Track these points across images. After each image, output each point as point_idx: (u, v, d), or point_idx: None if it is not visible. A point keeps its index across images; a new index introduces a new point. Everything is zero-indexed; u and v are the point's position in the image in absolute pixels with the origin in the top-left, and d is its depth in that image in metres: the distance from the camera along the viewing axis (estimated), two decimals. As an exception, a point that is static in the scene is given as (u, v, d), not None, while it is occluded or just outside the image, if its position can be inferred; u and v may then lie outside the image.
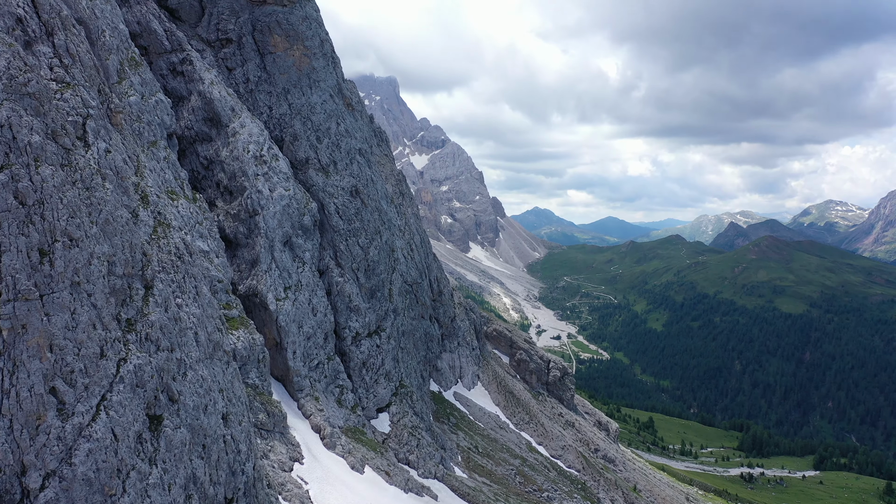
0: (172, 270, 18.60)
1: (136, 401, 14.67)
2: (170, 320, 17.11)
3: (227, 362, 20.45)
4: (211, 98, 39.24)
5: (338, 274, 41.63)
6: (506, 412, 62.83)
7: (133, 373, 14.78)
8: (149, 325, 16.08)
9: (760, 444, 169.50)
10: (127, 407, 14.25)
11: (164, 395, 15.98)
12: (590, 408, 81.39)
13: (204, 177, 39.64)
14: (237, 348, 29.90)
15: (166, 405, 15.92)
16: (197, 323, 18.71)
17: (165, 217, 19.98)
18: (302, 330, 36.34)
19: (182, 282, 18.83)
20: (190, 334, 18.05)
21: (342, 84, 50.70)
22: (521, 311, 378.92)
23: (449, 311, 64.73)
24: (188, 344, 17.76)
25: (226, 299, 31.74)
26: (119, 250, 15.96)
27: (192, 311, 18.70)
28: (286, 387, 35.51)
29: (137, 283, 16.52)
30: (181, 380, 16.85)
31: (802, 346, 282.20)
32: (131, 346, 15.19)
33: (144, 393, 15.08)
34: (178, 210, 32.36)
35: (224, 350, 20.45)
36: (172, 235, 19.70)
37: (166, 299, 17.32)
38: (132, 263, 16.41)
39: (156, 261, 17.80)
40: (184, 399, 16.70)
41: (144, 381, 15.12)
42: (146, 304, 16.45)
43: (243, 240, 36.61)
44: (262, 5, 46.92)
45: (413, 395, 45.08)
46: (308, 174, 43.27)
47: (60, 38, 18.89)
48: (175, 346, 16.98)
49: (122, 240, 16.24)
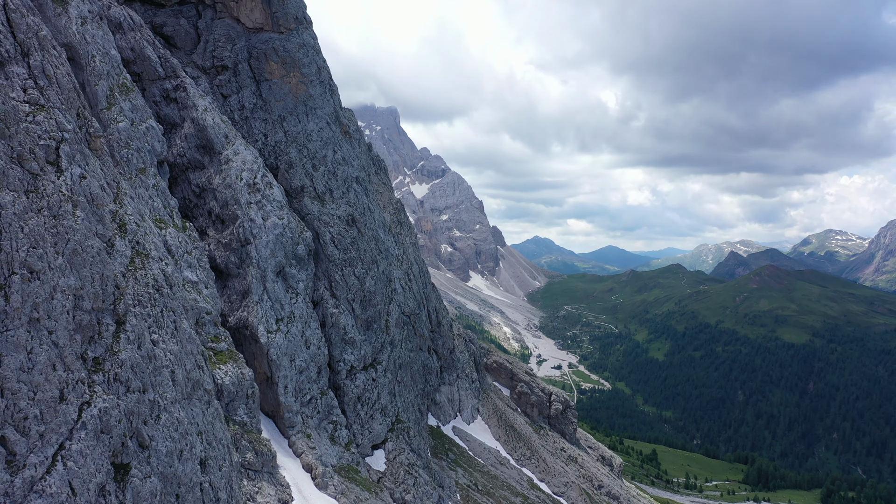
0: (149, 304, 17.43)
1: (99, 449, 13.38)
2: (143, 358, 15.88)
3: (207, 402, 19.13)
4: (204, 125, 38.44)
5: (332, 305, 40.38)
6: (506, 447, 60.96)
7: (97, 417, 13.50)
8: (118, 363, 14.85)
9: (766, 477, 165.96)
10: (88, 456, 12.95)
11: (134, 441, 14.67)
12: (592, 442, 79.30)
13: (196, 205, 38.64)
14: (224, 383, 28.54)
15: (135, 452, 14.60)
16: (174, 360, 17.46)
17: (144, 247, 18.86)
18: (294, 363, 34.97)
19: (159, 316, 17.64)
20: (166, 373, 16.80)
21: (339, 111, 50.04)
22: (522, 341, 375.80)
23: (448, 343, 63.26)
24: (163, 384, 16.50)
25: (214, 332, 30.47)
26: (88, 283, 14.82)
27: (170, 348, 17.47)
28: (277, 423, 34.01)
29: (108, 318, 15.34)
30: (153, 423, 15.54)
31: (806, 376, 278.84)
32: (97, 388, 13.94)
33: (110, 439, 13.79)
34: (167, 239, 31.28)
35: (205, 389, 19.16)
36: (151, 266, 18.56)
37: (140, 335, 16.11)
38: (103, 297, 15.25)
39: (130, 294, 16.63)
40: (156, 444, 15.38)
41: (111, 426, 13.84)
42: (117, 340, 15.25)
43: (234, 270, 35.45)
44: (258, 32, 46.47)
45: (410, 431, 43.45)
46: (303, 202, 42.29)
47: (37, 58, 17.99)
48: (148, 386, 15.72)
49: (93, 271, 15.10)
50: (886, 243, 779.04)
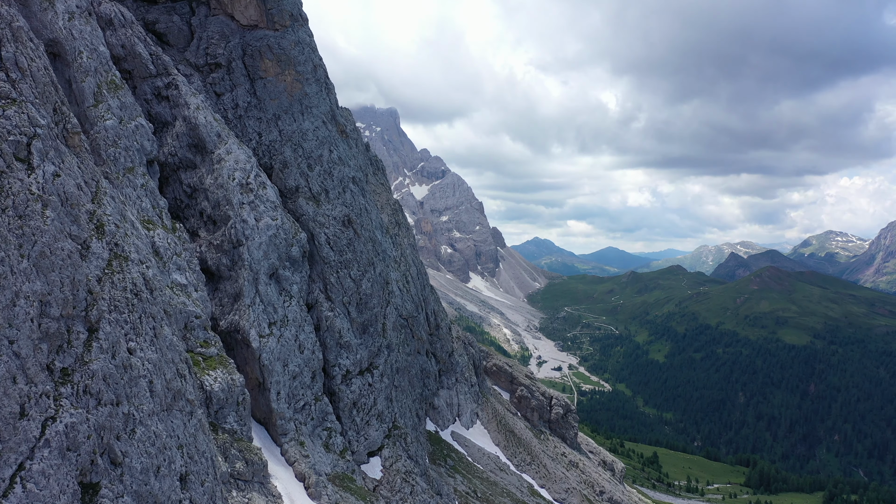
0: (126, 310, 16.42)
1: (65, 468, 12.38)
2: (117, 368, 14.88)
3: (189, 413, 18.13)
4: (196, 123, 37.47)
5: (327, 308, 39.38)
6: (506, 452, 59.89)
7: (63, 434, 12.50)
8: (89, 374, 13.84)
9: (768, 479, 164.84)
10: (52, 476, 11.95)
11: (105, 458, 13.67)
12: (594, 446, 78.19)
13: (187, 205, 37.67)
14: (213, 390, 27.55)
15: (106, 470, 13.59)
16: (153, 370, 16.46)
17: (123, 249, 17.86)
18: (287, 369, 33.96)
19: (137, 323, 16.63)
20: (143, 383, 15.80)
21: (336, 110, 49.06)
22: (522, 342, 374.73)
23: (447, 346, 62.23)
24: (139, 395, 15.49)
25: (204, 336, 29.49)
26: (57, 288, 13.82)
27: (148, 357, 16.46)
28: (269, 430, 32.99)
29: (79, 325, 14.34)
30: (128, 438, 14.54)
31: (807, 377, 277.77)
32: (64, 402, 12.94)
33: (77, 457, 12.78)
34: (155, 240, 30.32)
35: (187, 399, 18.16)
36: (130, 270, 17.57)
37: (114, 344, 15.11)
38: (73, 303, 14.25)
39: (106, 299, 15.64)
40: (129, 461, 14.37)
41: (78, 442, 12.84)
42: (88, 350, 14.24)
43: (226, 272, 34.46)
44: (253, 29, 45.51)
45: (407, 437, 42.42)
46: (298, 203, 41.31)
47: (9, 50, 17.00)
48: (122, 398, 14.71)
49: (62, 276, 14.11)
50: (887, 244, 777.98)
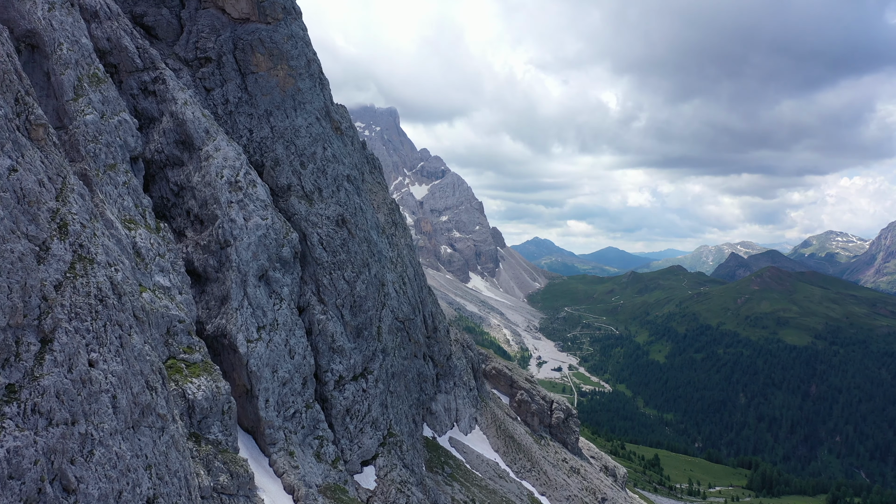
0: (89, 317, 14.99)
1: (5, 499, 10.96)
2: (74, 383, 13.44)
3: (160, 429, 16.70)
4: (183, 119, 36.07)
5: (320, 311, 37.94)
6: (506, 459, 58.43)
7: (4, 460, 11.08)
8: (39, 391, 12.42)
9: (770, 482, 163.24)
10: (-13, 510, 10.54)
11: (56, 486, 12.24)
12: (595, 451, 76.72)
13: (174, 204, 36.25)
14: (196, 399, 26.14)
15: (56, 498, 12.16)
16: (117, 383, 15.02)
17: (89, 250, 16.42)
18: (277, 375, 32.53)
19: (101, 331, 15.20)
20: (105, 399, 14.36)
21: (330, 107, 47.64)
22: (522, 342, 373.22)
23: (444, 349, 60.77)
24: (100, 412, 14.05)
25: (187, 342, 28.06)
26: (4, 294, 12.40)
27: (112, 369, 15.03)
28: (257, 440, 31.57)
29: (30, 335, 12.92)
30: (84, 461, 13.11)
31: (808, 378, 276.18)
32: (7, 423, 11.51)
33: (21, 486, 11.35)
34: (137, 241, 28.92)
35: (157, 413, 16.72)
36: (96, 273, 16.13)
37: (72, 356, 13.67)
38: (24, 311, 12.83)
39: (66, 306, 14.21)
40: (86, 487, 12.94)
41: (22, 469, 11.40)
42: (40, 363, 12.82)
43: (213, 274, 33.04)
44: (244, 23, 44.11)
45: (403, 445, 40.98)
46: (290, 202, 39.90)
47: (-38, 34, 15.64)
48: (79, 416, 13.28)
49: (11, 280, 12.68)
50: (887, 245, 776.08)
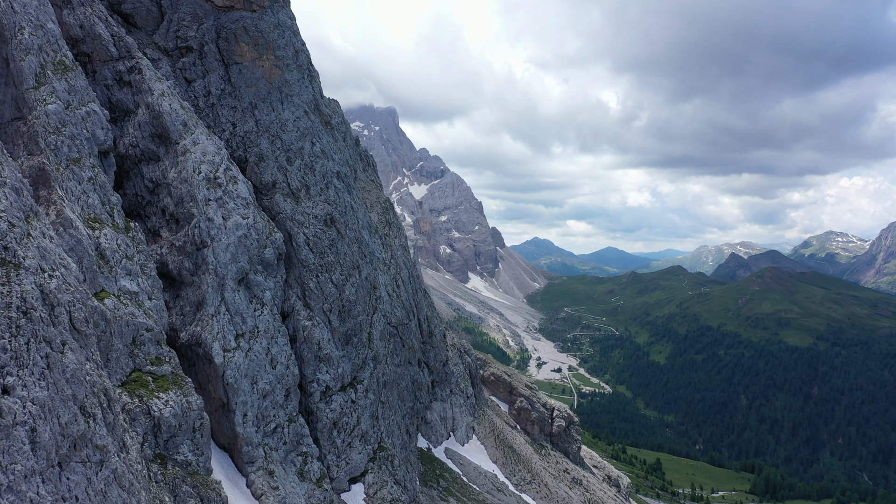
0: (8, 334, 12.55)
1: None
2: (-26, 418, 11.01)
3: (98, 463, 14.21)
4: (160, 111, 33.60)
5: (305, 317, 35.49)
6: (504, 470, 55.97)
7: None
8: (-81, 432, 9.97)
9: (774, 486, 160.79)
10: None
11: (-62, 551, 9.80)
12: (598, 460, 74.24)
13: (149, 202, 33.77)
14: (163, 416, 23.68)
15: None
16: (39, 413, 12.55)
17: (16, 254, 13.95)
18: (256, 387, 30.08)
19: (21, 352, 12.72)
20: (19, 433, 11.89)
21: (320, 100, 45.17)
22: (521, 343, 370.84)
23: (441, 355, 58.29)
24: (11, 450, 11.60)
25: (156, 352, 25.59)
26: None
27: (33, 396, 12.56)
28: (233, 458, 29.10)
29: (-84, 360, 10.48)
30: (-19, 516, 10.68)
31: (810, 380, 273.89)
32: None
33: None
34: (101, 241, 26.42)
35: (95, 445, 14.26)
36: (21, 280, 13.65)
37: (-27, 383, 11.23)
38: None
39: (-28, 321, 11.78)
40: (-18, 549, 10.51)
41: None
42: (-75, 395, 10.38)
43: (188, 277, 30.58)
44: (228, 11, 41.62)
45: (394, 460, 38.52)
46: (274, 200, 37.45)
47: None
48: (-23, 459, 10.84)
49: None
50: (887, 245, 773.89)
